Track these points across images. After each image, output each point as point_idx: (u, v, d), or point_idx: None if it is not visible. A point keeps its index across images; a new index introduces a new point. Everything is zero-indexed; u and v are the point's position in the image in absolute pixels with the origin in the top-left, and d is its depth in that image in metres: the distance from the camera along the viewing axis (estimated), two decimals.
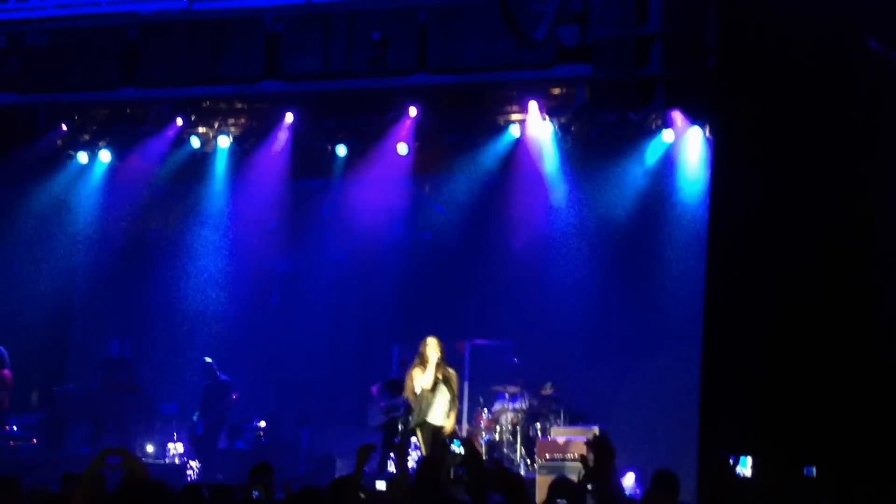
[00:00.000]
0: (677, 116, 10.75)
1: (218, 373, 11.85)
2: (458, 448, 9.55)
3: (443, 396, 8.97)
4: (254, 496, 5.17)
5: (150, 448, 11.56)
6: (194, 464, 11.15)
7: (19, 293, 12.03)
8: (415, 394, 8.97)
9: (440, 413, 8.96)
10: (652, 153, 11.28)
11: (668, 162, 11.22)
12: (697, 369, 8.36)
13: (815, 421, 7.43)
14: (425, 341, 9.04)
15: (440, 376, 8.93)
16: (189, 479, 10.65)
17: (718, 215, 8.70)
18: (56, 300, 12.53)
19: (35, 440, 11.51)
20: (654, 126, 10.98)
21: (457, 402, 9.18)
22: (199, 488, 5.77)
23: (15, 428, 11.45)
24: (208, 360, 11.88)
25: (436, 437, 8.86)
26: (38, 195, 12.16)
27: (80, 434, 11.95)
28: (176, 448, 11.44)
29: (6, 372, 10.94)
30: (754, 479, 6.52)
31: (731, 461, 5.67)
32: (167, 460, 11.36)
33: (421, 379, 8.92)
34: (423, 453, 8.88)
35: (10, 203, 11.91)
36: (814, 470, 6.98)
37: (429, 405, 8.91)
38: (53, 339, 12.63)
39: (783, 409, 7.55)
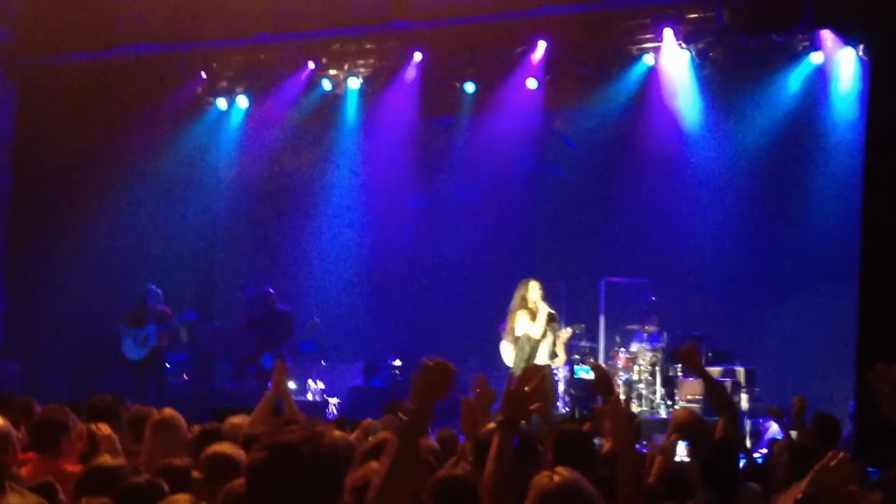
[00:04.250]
0: (827, 36, 10.04)
1: (278, 304, 11.68)
2: (586, 374, 9.45)
3: (547, 339, 8.81)
4: None
5: (291, 385, 11.81)
6: (334, 401, 11.42)
7: (167, 236, 12.51)
8: (516, 337, 8.74)
9: (545, 355, 8.84)
10: (798, 78, 10.62)
11: (816, 87, 10.54)
12: (854, 305, 7.93)
13: None
14: (528, 285, 8.73)
15: (546, 323, 8.74)
16: (330, 415, 10.93)
17: (877, 142, 8.16)
18: (201, 242, 12.95)
19: (186, 376, 12.04)
20: (800, 48, 10.31)
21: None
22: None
23: (168, 365, 11.99)
24: (270, 290, 11.78)
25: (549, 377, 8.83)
26: (181, 142, 12.50)
27: (226, 370, 12.44)
28: (316, 385, 11.73)
29: (166, 308, 11.37)
30: None
31: None
32: (308, 397, 11.66)
33: (529, 327, 8.68)
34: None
35: (156, 151, 12.34)
36: None
37: (535, 350, 8.76)
38: (200, 278, 13.00)
39: None
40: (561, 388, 10.35)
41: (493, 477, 2.85)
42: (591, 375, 8.66)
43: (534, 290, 8.74)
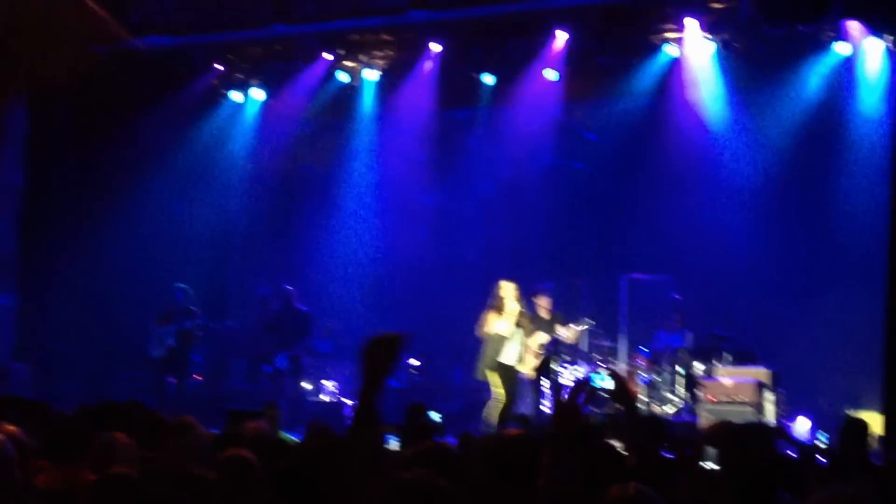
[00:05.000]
0: (853, 26, 9.83)
1: (296, 302, 11.45)
2: (603, 381, 9.30)
3: (517, 340, 9.11)
4: None
5: (307, 385, 11.69)
6: (349, 402, 11.24)
7: (180, 231, 12.42)
8: (486, 335, 9.09)
9: (513, 355, 9.12)
10: (823, 69, 10.40)
11: (842, 78, 10.32)
12: (881, 304, 7.77)
13: None
14: (500, 285, 9.14)
15: (517, 323, 9.11)
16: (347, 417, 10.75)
17: None
18: (214, 237, 12.83)
19: (200, 377, 11.88)
20: (825, 38, 10.10)
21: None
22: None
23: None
24: (289, 287, 11.57)
25: (513, 378, 9.08)
26: (196, 136, 12.43)
27: (240, 370, 12.30)
28: (331, 386, 11.57)
29: (194, 308, 11.21)
30: None
31: None
32: (323, 397, 11.51)
33: (498, 325, 9.06)
34: (498, 394, 9.01)
35: (169, 144, 12.25)
36: None
37: (503, 347, 9.08)
38: (214, 275, 12.85)
39: None
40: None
41: (550, 495, 2.77)
42: (606, 383, 8.52)
43: (506, 289, 9.11)
